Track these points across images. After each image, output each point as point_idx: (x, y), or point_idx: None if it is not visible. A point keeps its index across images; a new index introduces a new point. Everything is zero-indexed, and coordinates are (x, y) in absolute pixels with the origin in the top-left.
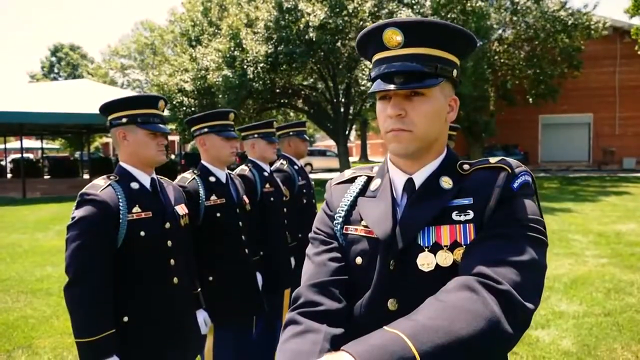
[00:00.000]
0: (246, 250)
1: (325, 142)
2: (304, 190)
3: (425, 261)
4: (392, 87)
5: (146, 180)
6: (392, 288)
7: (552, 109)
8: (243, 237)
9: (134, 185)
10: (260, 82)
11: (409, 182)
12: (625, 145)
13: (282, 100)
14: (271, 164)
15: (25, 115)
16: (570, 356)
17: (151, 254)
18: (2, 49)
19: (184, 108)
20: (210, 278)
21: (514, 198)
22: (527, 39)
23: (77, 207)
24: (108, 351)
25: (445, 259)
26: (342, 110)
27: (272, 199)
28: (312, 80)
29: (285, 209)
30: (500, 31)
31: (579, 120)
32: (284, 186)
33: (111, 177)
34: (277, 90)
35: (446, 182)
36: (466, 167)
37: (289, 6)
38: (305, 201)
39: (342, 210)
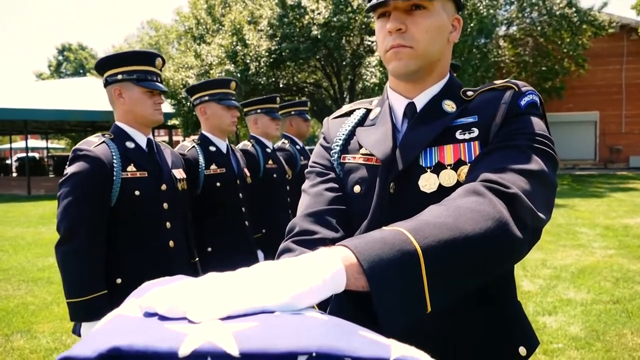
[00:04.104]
0: (246, 223)
1: None
2: None
3: (428, 182)
4: None
5: (142, 140)
6: (392, 212)
7: (558, 107)
8: (243, 209)
9: (130, 144)
10: (264, 78)
11: (410, 106)
12: (632, 144)
13: (286, 98)
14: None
15: (30, 113)
16: (579, 341)
17: (146, 215)
18: (7, 48)
19: (189, 103)
20: (209, 249)
21: (521, 115)
22: (532, 35)
23: (69, 164)
24: (99, 312)
25: (449, 178)
26: None
27: (274, 175)
28: (316, 77)
29: (288, 187)
30: (504, 28)
31: (585, 119)
32: (287, 165)
33: (106, 135)
34: (281, 86)
35: (449, 106)
36: (470, 93)
37: (292, 3)
38: None
39: (340, 140)
